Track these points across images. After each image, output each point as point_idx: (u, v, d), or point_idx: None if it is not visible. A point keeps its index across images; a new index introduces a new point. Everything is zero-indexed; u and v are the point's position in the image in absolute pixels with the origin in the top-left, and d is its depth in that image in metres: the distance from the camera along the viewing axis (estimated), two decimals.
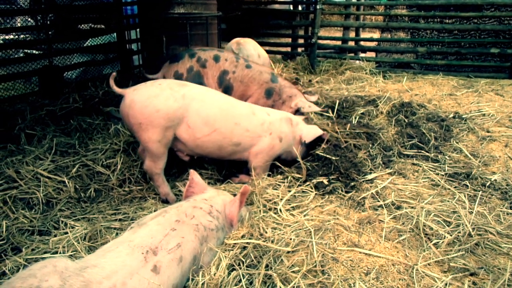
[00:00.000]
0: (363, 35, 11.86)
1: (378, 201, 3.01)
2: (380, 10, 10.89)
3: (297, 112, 4.28)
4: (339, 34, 12.28)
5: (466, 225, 2.64)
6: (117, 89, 3.12)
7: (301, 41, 9.30)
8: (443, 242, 2.52)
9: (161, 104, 3.00)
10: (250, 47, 5.59)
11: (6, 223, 2.85)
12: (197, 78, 3.99)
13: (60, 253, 2.56)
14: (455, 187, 3.26)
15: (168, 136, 3.11)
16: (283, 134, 3.47)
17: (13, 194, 3.15)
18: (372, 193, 3.09)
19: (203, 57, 4.10)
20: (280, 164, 3.51)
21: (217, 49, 4.30)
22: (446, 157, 3.73)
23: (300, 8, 10.31)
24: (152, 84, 3.12)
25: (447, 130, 4.24)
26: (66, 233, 2.79)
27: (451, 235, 2.56)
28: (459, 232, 2.59)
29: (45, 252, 2.58)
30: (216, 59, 4.15)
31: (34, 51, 7.10)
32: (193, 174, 2.70)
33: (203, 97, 3.19)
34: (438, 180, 3.34)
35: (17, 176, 3.34)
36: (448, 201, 3.01)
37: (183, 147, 3.27)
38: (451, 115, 4.73)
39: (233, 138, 3.26)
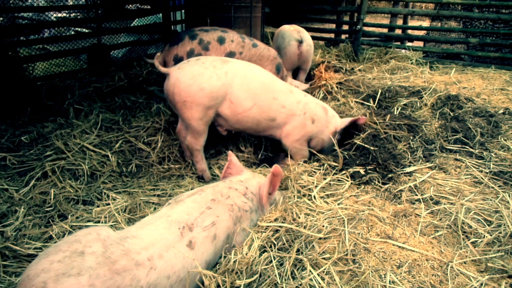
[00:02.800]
0: (411, 23, 11.39)
1: (416, 195, 2.94)
2: None
3: None
4: (385, 21, 11.87)
5: (508, 226, 2.53)
6: (162, 68, 3.21)
7: (345, 27, 9.07)
8: (481, 241, 2.43)
9: (205, 83, 3.07)
10: (308, 35, 5.48)
11: (54, 191, 3.04)
12: None
13: (101, 222, 2.71)
14: (499, 186, 3.12)
15: (210, 114, 3.20)
16: (316, 117, 3.47)
17: (61, 165, 3.33)
18: (410, 186, 3.02)
19: (206, 39, 3.87)
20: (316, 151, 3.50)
21: (220, 29, 4.02)
22: (492, 154, 3.57)
23: None
24: (196, 63, 3.17)
25: (495, 127, 4.05)
26: (108, 204, 2.94)
27: (491, 235, 2.48)
28: (500, 233, 2.49)
29: (88, 221, 2.74)
30: (221, 41, 3.92)
31: (84, 30, 7.38)
32: (231, 156, 2.75)
33: (246, 72, 3.24)
34: (482, 178, 3.21)
35: (65, 148, 3.54)
36: (490, 200, 2.90)
37: (223, 122, 3.34)
38: (501, 111, 4.49)
39: (270, 113, 3.30)
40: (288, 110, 3.35)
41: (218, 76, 3.11)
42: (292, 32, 5.25)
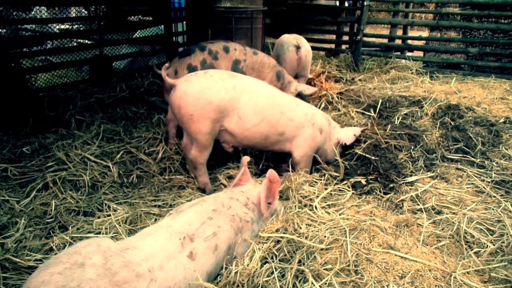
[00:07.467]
0: (411, 33, 11.46)
1: (418, 204, 2.93)
2: (431, 8, 10.47)
3: (298, 96, 4.51)
4: (385, 31, 11.94)
5: (511, 235, 2.52)
6: (169, 79, 3.18)
7: (346, 38, 9.13)
8: (485, 251, 2.42)
9: (213, 96, 3.02)
10: (305, 41, 5.58)
11: (55, 202, 3.03)
12: None
13: (102, 233, 2.70)
14: (501, 195, 3.11)
15: (216, 128, 3.16)
16: (323, 127, 3.49)
17: (62, 176, 3.33)
18: (411, 196, 3.01)
19: (214, 49, 4.11)
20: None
21: (222, 41, 4.30)
22: (494, 163, 3.56)
23: (346, 4, 10.10)
24: (204, 75, 3.13)
25: (496, 136, 4.05)
26: (109, 215, 2.93)
27: (494, 245, 2.46)
28: (503, 242, 2.48)
29: (89, 232, 2.73)
30: (226, 50, 4.17)
31: (86, 41, 7.43)
32: (245, 162, 2.75)
33: (253, 88, 3.22)
34: (483, 187, 3.20)
35: (66, 159, 3.54)
36: (492, 209, 2.88)
37: (230, 138, 3.29)
38: (502, 120, 4.50)
39: (278, 128, 3.28)
40: (296, 123, 3.34)
41: (226, 90, 3.06)
42: (290, 39, 5.39)
